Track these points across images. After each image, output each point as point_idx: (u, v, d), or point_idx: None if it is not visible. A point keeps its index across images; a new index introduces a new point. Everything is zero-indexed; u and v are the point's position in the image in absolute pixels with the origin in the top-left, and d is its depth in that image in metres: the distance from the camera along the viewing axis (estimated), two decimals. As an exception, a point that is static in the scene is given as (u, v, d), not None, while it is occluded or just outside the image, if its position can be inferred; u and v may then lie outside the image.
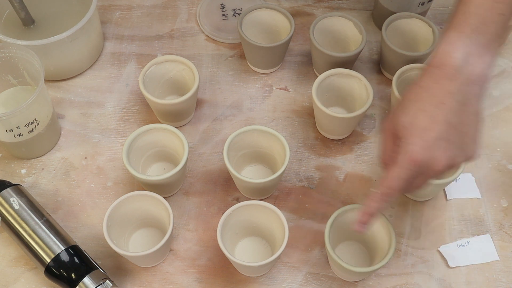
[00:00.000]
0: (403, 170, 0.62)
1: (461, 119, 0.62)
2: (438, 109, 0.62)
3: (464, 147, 0.63)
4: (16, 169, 0.86)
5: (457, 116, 0.62)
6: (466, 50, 0.62)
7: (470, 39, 0.62)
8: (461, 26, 0.63)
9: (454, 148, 0.62)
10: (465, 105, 0.62)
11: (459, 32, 0.63)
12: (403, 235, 0.81)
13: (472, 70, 0.62)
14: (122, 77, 0.96)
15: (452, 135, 0.62)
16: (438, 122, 0.61)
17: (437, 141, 0.61)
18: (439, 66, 0.63)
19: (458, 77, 0.62)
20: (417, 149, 0.62)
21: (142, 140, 0.81)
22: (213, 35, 1.00)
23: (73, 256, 0.73)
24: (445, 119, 0.61)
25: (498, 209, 0.83)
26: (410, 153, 0.62)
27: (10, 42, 0.85)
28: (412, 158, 0.62)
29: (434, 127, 0.61)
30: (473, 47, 0.62)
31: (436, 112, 0.62)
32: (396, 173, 0.63)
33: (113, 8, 1.04)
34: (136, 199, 0.76)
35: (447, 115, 0.62)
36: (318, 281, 0.78)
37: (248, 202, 0.75)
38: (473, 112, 0.63)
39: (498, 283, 0.78)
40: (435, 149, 0.61)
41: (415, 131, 0.62)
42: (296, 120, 0.91)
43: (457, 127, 0.62)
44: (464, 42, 0.62)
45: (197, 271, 0.78)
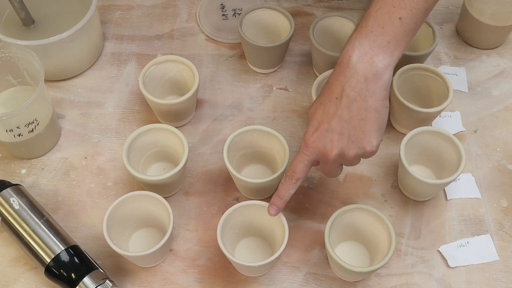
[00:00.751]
0: (301, 155, 0.70)
1: (352, 114, 0.67)
2: (332, 103, 0.68)
3: (356, 140, 0.68)
4: (16, 169, 0.86)
5: (348, 112, 0.67)
6: (361, 50, 0.67)
7: (367, 40, 0.67)
8: (361, 27, 0.68)
9: (344, 140, 0.67)
10: (357, 101, 0.67)
11: (358, 33, 0.68)
12: (403, 235, 0.81)
13: (366, 68, 0.66)
14: (122, 77, 0.96)
15: (343, 129, 0.67)
16: (330, 116, 0.68)
17: (328, 133, 0.68)
18: (339, 64, 0.69)
19: (352, 75, 0.67)
20: (310, 138, 0.69)
21: (142, 140, 0.81)
22: (213, 35, 1.00)
23: (73, 256, 0.73)
24: (337, 113, 0.67)
25: (498, 209, 0.83)
26: (305, 141, 0.70)
27: (10, 42, 0.85)
28: (305, 145, 0.70)
29: (327, 120, 0.68)
30: (368, 47, 0.67)
31: (330, 107, 0.68)
32: (297, 157, 0.71)
33: (113, 8, 1.04)
34: (136, 199, 0.76)
35: (339, 110, 0.67)
36: (318, 281, 0.78)
37: (248, 202, 0.75)
38: (366, 108, 0.67)
39: (498, 283, 0.78)
40: (326, 140, 0.68)
41: (312, 122, 0.70)
42: (296, 120, 0.91)
43: (349, 121, 0.67)
44: (360, 42, 0.67)
45: (197, 271, 0.78)
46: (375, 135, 0.68)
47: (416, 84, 0.88)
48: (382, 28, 0.67)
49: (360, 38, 0.67)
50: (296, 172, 0.71)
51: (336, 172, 0.72)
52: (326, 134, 0.68)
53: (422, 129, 0.80)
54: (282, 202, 0.72)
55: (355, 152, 0.68)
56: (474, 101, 0.94)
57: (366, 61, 0.66)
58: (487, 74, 0.97)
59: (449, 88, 0.84)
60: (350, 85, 0.67)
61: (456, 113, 0.92)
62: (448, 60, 0.98)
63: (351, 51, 0.67)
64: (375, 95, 0.67)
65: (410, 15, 0.67)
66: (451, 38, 1.01)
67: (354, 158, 0.69)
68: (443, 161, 0.82)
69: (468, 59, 0.98)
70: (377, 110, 0.67)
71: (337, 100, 0.67)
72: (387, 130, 0.90)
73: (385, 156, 0.88)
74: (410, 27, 0.67)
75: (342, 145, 0.68)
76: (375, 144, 0.68)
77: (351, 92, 0.67)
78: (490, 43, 0.99)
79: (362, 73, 0.66)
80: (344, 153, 0.68)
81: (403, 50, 0.68)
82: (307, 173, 0.72)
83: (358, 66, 0.66)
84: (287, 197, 0.72)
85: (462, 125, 0.91)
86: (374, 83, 0.66)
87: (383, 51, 0.66)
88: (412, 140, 0.80)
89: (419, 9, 0.67)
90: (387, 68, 0.67)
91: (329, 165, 0.70)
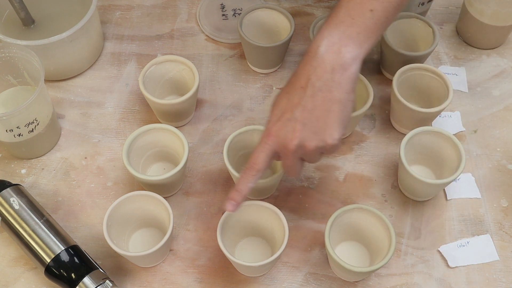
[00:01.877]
0: (262, 144, 0.68)
1: (316, 104, 0.65)
2: (297, 93, 0.66)
3: (319, 131, 0.65)
4: (16, 169, 0.86)
5: (312, 101, 0.65)
6: (330, 40, 0.65)
7: (337, 30, 0.65)
8: (332, 17, 0.66)
9: (306, 130, 0.65)
10: (322, 92, 0.65)
11: (328, 23, 0.66)
12: (403, 235, 0.81)
13: (333, 59, 0.65)
14: (122, 77, 0.96)
15: (306, 119, 0.65)
16: (294, 105, 0.65)
17: (290, 122, 0.65)
18: (307, 53, 0.66)
19: (319, 64, 0.65)
20: (272, 126, 0.67)
21: (142, 140, 0.81)
22: (213, 35, 1.00)
23: (73, 256, 0.73)
24: (301, 102, 0.65)
25: (498, 209, 0.83)
26: (267, 130, 0.67)
27: (10, 42, 0.85)
28: (267, 134, 0.67)
29: (290, 109, 0.66)
30: (337, 37, 0.65)
31: (295, 96, 0.66)
32: (257, 148, 0.68)
33: (113, 8, 1.04)
34: (136, 199, 0.76)
35: (303, 99, 0.65)
36: (318, 281, 0.78)
37: (248, 202, 0.75)
38: (330, 99, 0.65)
39: (498, 283, 0.78)
40: (288, 129, 0.66)
41: (275, 110, 0.67)
42: (296, 120, 0.91)
43: (312, 111, 0.65)
44: (330, 32, 0.65)
45: (197, 271, 0.78)
46: (338, 128, 0.65)
47: (416, 84, 0.88)
48: (353, 19, 0.65)
49: (329, 28, 0.65)
50: (257, 163, 0.68)
51: (296, 167, 0.69)
52: (288, 123, 0.66)
53: (422, 129, 0.80)
54: (241, 196, 0.69)
55: (315, 143, 0.65)
56: (474, 101, 0.94)
57: (334, 51, 0.65)
58: (487, 74, 0.97)
59: (449, 88, 0.84)
60: (316, 75, 0.65)
61: (456, 113, 0.92)
62: (448, 60, 0.98)
63: (319, 41, 0.65)
64: (341, 86, 0.65)
65: (382, 7, 0.66)
66: (451, 38, 1.01)
67: (314, 151, 0.66)
68: (443, 161, 0.82)
69: (468, 59, 0.98)
70: (341, 102, 0.65)
71: (302, 89, 0.65)
72: (387, 130, 0.90)
73: (385, 156, 0.88)
74: (381, 20, 0.66)
75: (304, 135, 0.65)
76: (336, 137, 0.65)
77: (316, 82, 0.65)
78: (490, 43, 0.99)
79: (329, 63, 0.64)
80: (305, 144, 0.65)
81: (373, 44, 0.67)
82: (268, 165, 0.69)
83: (326, 56, 0.65)
84: (245, 190, 0.69)
85: (462, 125, 0.91)
86: (341, 74, 0.64)
87: (352, 42, 0.65)
88: (412, 140, 0.80)
89: (391, 2, 0.66)
90: (355, 60, 0.65)
91: (289, 157, 0.67)
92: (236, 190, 0.69)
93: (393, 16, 0.68)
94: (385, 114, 0.92)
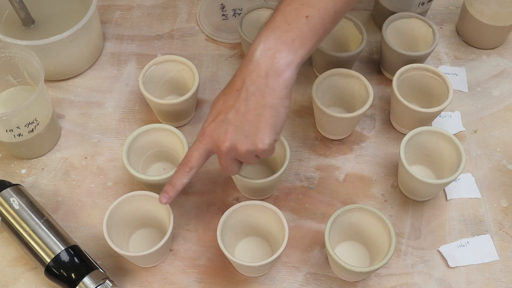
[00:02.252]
0: (197, 143, 0.69)
1: (248, 108, 0.66)
2: (232, 95, 0.67)
3: (250, 135, 0.66)
4: (16, 169, 0.86)
5: (245, 105, 0.66)
6: (266, 44, 0.65)
7: (273, 35, 0.65)
8: (269, 21, 0.67)
9: (238, 133, 0.66)
10: (255, 96, 0.65)
11: (266, 27, 0.66)
12: (403, 235, 0.81)
13: (268, 64, 0.65)
14: (122, 77, 0.96)
15: (238, 122, 0.66)
16: (228, 107, 0.67)
17: (224, 124, 0.67)
18: (245, 57, 0.67)
19: (254, 69, 0.65)
20: (207, 127, 0.68)
21: (142, 140, 0.81)
22: (213, 35, 1.00)
23: (73, 256, 0.73)
24: (235, 105, 0.66)
25: (498, 209, 0.83)
26: (202, 129, 0.69)
27: (10, 42, 0.85)
28: (202, 133, 0.69)
29: (225, 111, 0.67)
30: (273, 42, 0.65)
31: (230, 98, 0.67)
32: (192, 145, 0.70)
33: (113, 8, 1.04)
34: (136, 199, 0.76)
35: (237, 102, 0.66)
36: (318, 281, 0.78)
37: (248, 202, 0.75)
38: (263, 104, 0.65)
39: (498, 283, 0.78)
40: (221, 130, 0.67)
41: (212, 111, 0.69)
42: (296, 120, 0.91)
43: (245, 115, 0.66)
44: (266, 37, 0.66)
45: (197, 271, 0.78)
46: (269, 133, 0.66)
47: (416, 84, 0.88)
48: (289, 24, 0.65)
49: (266, 33, 0.66)
50: (190, 160, 0.70)
51: (231, 167, 0.70)
52: (222, 124, 0.67)
53: (422, 129, 0.80)
54: (174, 191, 0.71)
55: (247, 147, 0.66)
56: (474, 101, 0.94)
57: (269, 56, 0.65)
58: (487, 74, 0.97)
59: (449, 88, 0.84)
60: (251, 79, 0.65)
61: (456, 113, 0.92)
62: (448, 60, 0.98)
63: (256, 45, 0.66)
64: (274, 92, 0.65)
65: (318, 14, 0.65)
66: (451, 38, 1.01)
67: (246, 154, 0.67)
68: (443, 161, 0.82)
69: (468, 59, 0.98)
70: (274, 108, 0.65)
71: (237, 92, 0.66)
72: (387, 130, 0.90)
73: (385, 156, 0.88)
74: (317, 27, 0.66)
75: (235, 138, 0.66)
76: (267, 142, 0.66)
77: (250, 86, 0.65)
78: (490, 43, 0.99)
79: (264, 68, 0.65)
80: (237, 146, 0.66)
81: (309, 50, 0.66)
82: (202, 163, 0.70)
83: (261, 61, 0.65)
84: (179, 185, 0.71)
85: (462, 125, 0.91)
86: (275, 79, 0.65)
87: (287, 47, 0.65)
88: (412, 140, 0.80)
89: (327, 10, 0.66)
90: (289, 66, 0.65)
91: (222, 157, 0.69)
92: (169, 184, 0.71)
93: (331, 24, 0.67)
94: (385, 114, 0.92)
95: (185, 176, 0.71)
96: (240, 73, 0.67)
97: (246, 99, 0.66)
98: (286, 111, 0.67)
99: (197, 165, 0.70)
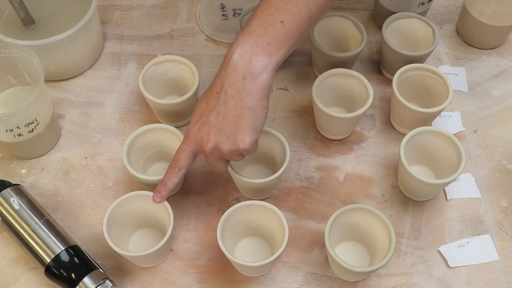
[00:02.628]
0: (183, 145, 0.72)
1: (228, 110, 0.68)
2: (213, 98, 0.69)
3: (231, 136, 0.69)
4: (16, 169, 0.86)
5: (225, 107, 0.68)
6: (243, 48, 0.67)
7: (249, 39, 0.67)
8: (247, 26, 0.69)
9: (220, 135, 0.69)
10: (234, 98, 0.68)
11: (243, 31, 0.68)
12: (403, 235, 0.81)
13: (245, 67, 0.67)
14: (122, 77, 0.96)
15: (219, 123, 0.69)
16: (210, 110, 0.69)
17: (206, 126, 0.69)
18: (224, 60, 0.69)
19: (232, 72, 0.68)
20: (191, 129, 0.71)
21: (142, 140, 0.81)
22: (213, 35, 1.00)
23: (73, 256, 0.73)
24: (215, 108, 0.69)
25: (498, 209, 0.83)
26: (187, 131, 0.72)
27: (10, 42, 0.85)
28: (187, 135, 0.72)
29: (206, 113, 0.69)
30: (249, 46, 0.67)
31: (211, 101, 0.69)
32: (180, 147, 0.73)
33: (113, 8, 1.04)
34: (136, 199, 0.76)
35: (217, 105, 0.69)
36: (318, 281, 0.78)
37: (248, 202, 0.75)
38: (242, 106, 0.67)
39: (498, 283, 0.78)
40: (204, 132, 0.70)
41: (196, 113, 0.71)
42: (296, 120, 0.91)
43: (225, 117, 0.68)
44: (243, 40, 0.68)
45: (197, 271, 0.78)
46: (248, 133, 0.68)
47: (416, 84, 0.88)
48: (264, 29, 0.67)
49: (244, 37, 0.68)
50: (179, 161, 0.73)
51: (218, 165, 0.73)
52: (204, 126, 0.69)
53: (422, 129, 0.80)
54: (166, 190, 0.74)
55: (229, 147, 0.69)
56: (474, 101, 0.94)
57: (246, 59, 0.67)
58: (487, 74, 0.97)
59: (449, 88, 0.84)
60: (229, 82, 0.68)
61: (456, 113, 0.92)
62: (448, 60, 0.98)
63: (234, 48, 0.68)
64: (252, 94, 0.67)
65: (292, 20, 0.67)
66: (451, 38, 1.01)
67: (229, 153, 0.70)
68: (443, 161, 0.82)
69: (468, 59, 0.98)
70: (252, 109, 0.68)
71: (217, 94, 0.69)
72: (387, 130, 0.90)
73: (385, 156, 0.88)
74: (292, 31, 0.67)
75: (217, 139, 0.69)
76: (247, 142, 0.68)
77: (229, 89, 0.68)
78: (490, 43, 0.99)
79: (241, 71, 0.67)
80: (219, 147, 0.69)
81: (285, 54, 0.68)
82: (190, 163, 0.73)
83: (238, 64, 0.67)
84: (170, 185, 0.74)
85: (462, 125, 0.91)
86: (252, 82, 0.67)
87: (262, 51, 0.67)
88: (412, 140, 0.80)
89: (302, 15, 0.67)
90: (265, 69, 0.67)
91: (207, 157, 0.71)
92: (162, 184, 0.74)
93: (306, 28, 0.69)
94: (385, 114, 0.92)
95: (175, 176, 0.74)
96: (219, 76, 0.69)
97: (225, 101, 0.68)
98: (265, 111, 0.69)
99: (185, 165, 0.73)
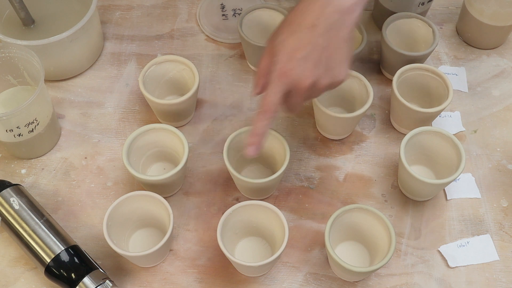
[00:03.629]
0: (275, 84, 0.68)
1: (328, 43, 0.66)
2: (308, 31, 0.66)
3: (330, 69, 0.68)
4: (16, 169, 0.86)
5: (325, 40, 0.66)
6: None
7: None
8: None
9: (319, 68, 0.67)
10: (333, 30, 0.66)
11: None
12: (403, 235, 0.81)
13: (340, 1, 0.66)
14: (122, 77, 0.96)
15: (319, 57, 0.66)
16: (306, 43, 0.66)
17: (303, 61, 0.66)
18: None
19: (326, 6, 0.66)
20: (284, 66, 0.67)
21: (142, 140, 0.81)
22: (213, 35, 1.00)
23: (73, 256, 0.73)
24: (313, 41, 0.66)
25: (498, 209, 0.83)
26: (279, 69, 0.67)
27: (10, 42, 0.85)
28: (280, 73, 0.67)
29: (302, 47, 0.66)
30: None
31: (306, 34, 0.66)
32: (270, 88, 0.68)
33: (113, 8, 1.04)
34: (136, 199, 0.76)
35: (315, 38, 0.66)
36: (318, 281, 0.78)
37: (248, 202, 0.75)
38: (339, 38, 0.67)
39: (498, 283, 0.78)
40: (302, 68, 0.66)
41: (285, 50, 0.67)
42: (296, 120, 0.91)
43: (325, 49, 0.66)
44: None
45: (197, 271, 0.78)
46: (346, 65, 0.69)
47: (416, 84, 0.88)
48: None
49: None
50: (271, 104, 0.68)
51: (300, 105, 0.71)
52: (301, 62, 0.67)
53: (422, 129, 0.80)
54: (261, 137, 0.70)
55: (327, 81, 0.68)
56: (474, 101, 0.94)
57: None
58: (487, 74, 0.97)
59: (449, 88, 0.84)
60: (325, 15, 0.66)
61: (456, 113, 0.92)
62: (448, 60, 0.98)
63: None
64: (347, 27, 0.67)
65: None
66: (451, 38, 1.01)
67: (325, 88, 0.69)
68: (443, 161, 0.82)
69: (468, 59, 0.98)
70: (348, 42, 0.68)
71: (312, 28, 0.66)
72: (387, 130, 0.90)
73: (385, 156, 0.88)
74: None
75: (317, 73, 0.67)
76: (345, 73, 0.69)
77: (326, 21, 0.66)
78: (490, 43, 0.99)
79: (337, 5, 0.66)
80: (319, 81, 0.68)
81: None
82: (281, 106, 0.70)
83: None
84: (264, 132, 0.69)
85: (462, 125, 0.91)
86: (348, 16, 0.67)
87: None
88: (412, 140, 0.80)
89: None
90: (357, 5, 0.67)
91: (301, 95, 0.69)
92: (253, 134, 0.69)
93: None
94: (385, 114, 0.92)
95: (268, 123, 0.69)
96: (309, 10, 0.67)
97: (322, 34, 0.66)
98: (353, 45, 0.70)
99: (278, 108, 0.69)
